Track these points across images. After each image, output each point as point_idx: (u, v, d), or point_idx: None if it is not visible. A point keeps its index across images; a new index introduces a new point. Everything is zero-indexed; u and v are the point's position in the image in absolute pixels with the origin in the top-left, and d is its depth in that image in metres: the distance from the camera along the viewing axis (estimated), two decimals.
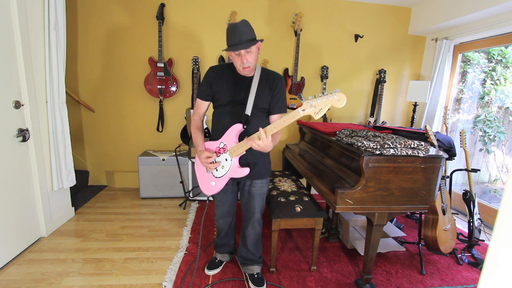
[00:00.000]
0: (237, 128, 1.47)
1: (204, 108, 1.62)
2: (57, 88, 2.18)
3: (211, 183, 1.57)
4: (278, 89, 1.54)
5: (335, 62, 3.43)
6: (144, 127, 3.31)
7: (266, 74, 1.55)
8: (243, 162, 1.52)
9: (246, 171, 1.47)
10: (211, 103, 1.63)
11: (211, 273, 1.84)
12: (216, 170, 1.54)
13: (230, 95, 1.52)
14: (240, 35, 1.37)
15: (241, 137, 1.47)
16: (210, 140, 1.60)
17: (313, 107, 1.21)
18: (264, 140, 1.33)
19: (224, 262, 1.94)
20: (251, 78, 1.53)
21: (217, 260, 1.91)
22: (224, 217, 1.78)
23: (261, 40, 1.46)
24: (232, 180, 1.63)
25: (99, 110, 3.20)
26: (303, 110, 1.24)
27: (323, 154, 2.22)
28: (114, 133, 3.29)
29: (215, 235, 2.31)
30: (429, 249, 2.12)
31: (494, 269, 0.48)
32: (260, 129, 1.34)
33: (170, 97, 3.18)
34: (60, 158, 2.27)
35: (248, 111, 1.49)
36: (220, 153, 1.51)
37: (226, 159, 1.50)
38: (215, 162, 1.53)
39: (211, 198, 2.97)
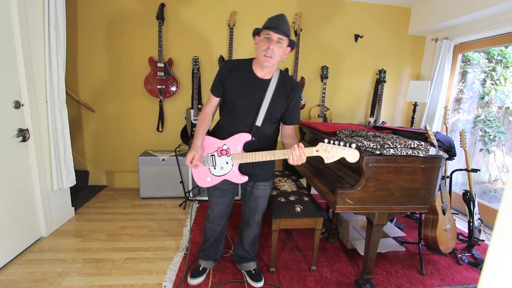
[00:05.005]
0: (245, 137, 1.44)
1: (215, 103, 1.56)
2: (57, 88, 2.17)
3: (207, 178, 1.56)
4: (295, 100, 1.49)
5: (335, 62, 3.43)
6: (144, 127, 3.30)
7: (284, 80, 1.47)
8: (244, 168, 1.51)
9: (244, 179, 1.48)
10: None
11: (194, 282, 1.72)
12: (214, 168, 1.52)
13: (242, 98, 1.44)
14: (281, 24, 1.33)
15: (245, 146, 1.47)
16: (215, 136, 1.55)
17: (327, 152, 1.29)
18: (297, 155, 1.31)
19: (208, 269, 1.84)
20: (268, 81, 1.44)
21: (201, 268, 1.79)
22: (218, 219, 1.70)
23: (293, 45, 1.41)
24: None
25: (99, 110, 3.20)
26: (317, 151, 1.30)
27: None
28: (114, 133, 3.28)
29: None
30: (429, 249, 2.12)
31: (494, 269, 0.48)
32: (301, 145, 1.31)
33: (170, 97, 3.18)
34: (60, 158, 2.27)
35: (259, 121, 1.42)
36: (222, 154, 1.50)
37: (227, 162, 1.49)
38: (209, 164, 1.53)
39: None
